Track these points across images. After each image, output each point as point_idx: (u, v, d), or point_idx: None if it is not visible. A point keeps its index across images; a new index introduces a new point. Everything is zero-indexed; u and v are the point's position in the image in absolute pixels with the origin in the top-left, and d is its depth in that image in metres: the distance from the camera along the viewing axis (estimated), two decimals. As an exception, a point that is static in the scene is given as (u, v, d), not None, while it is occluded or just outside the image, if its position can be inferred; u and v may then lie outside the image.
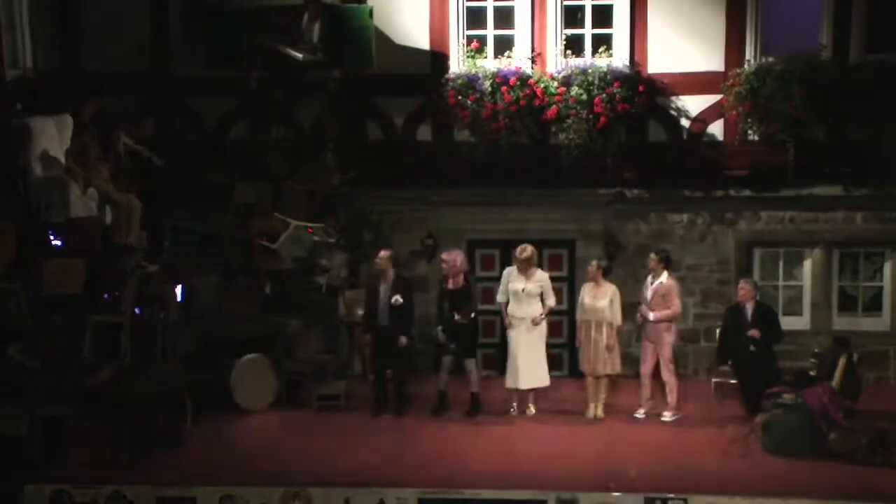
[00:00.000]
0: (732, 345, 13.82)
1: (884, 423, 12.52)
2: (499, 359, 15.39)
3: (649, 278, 13.91)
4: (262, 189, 15.17)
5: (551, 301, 13.98)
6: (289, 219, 14.82)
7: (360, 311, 15.05)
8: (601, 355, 13.73)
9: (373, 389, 14.27)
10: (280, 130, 16.33)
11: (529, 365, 13.80)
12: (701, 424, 13.50)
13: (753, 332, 13.48)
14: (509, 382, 14.00)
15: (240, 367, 13.95)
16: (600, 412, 13.87)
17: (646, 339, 13.94)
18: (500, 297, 14.09)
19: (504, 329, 14.35)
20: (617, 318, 13.82)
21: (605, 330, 13.72)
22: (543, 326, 13.97)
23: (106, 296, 13.14)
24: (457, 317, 13.79)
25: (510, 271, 14.00)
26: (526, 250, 13.88)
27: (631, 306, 14.22)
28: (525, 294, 13.77)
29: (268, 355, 14.18)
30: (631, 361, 14.95)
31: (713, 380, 14.58)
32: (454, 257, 14.09)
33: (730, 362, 14.11)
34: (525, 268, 13.83)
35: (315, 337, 15.34)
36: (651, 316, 13.66)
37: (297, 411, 14.19)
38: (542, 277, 13.98)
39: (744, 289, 13.87)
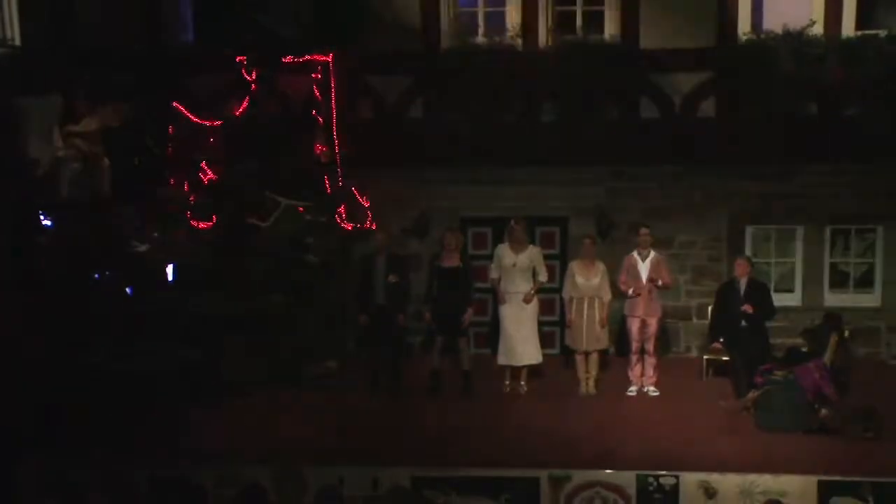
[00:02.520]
0: (725, 322, 13.82)
1: (874, 398, 12.59)
2: (491, 337, 15.39)
3: (636, 254, 13.95)
4: (252, 168, 15.11)
5: (543, 276, 14.00)
6: (279, 197, 14.78)
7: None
8: (594, 332, 13.76)
9: (367, 368, 14.26)
10: (270, 108, 16.25)
11: (521, 342, 13.84)
12: (693, 402, 13.55)
13: (746, 307, 13.50)
14: (501, 360, 14.03)
15: (232, 345, 13.93)
16: (592, 388, 13.93)
17: (634, 315, 13.97)
18: (492, 273, 14.09)
19: (496, 307, 14.36)
20: (608, 294, 13.87)
21: (597, 306, 13.75)
22: (535, 303, 13.98)
23: (97, 275, 13.09)
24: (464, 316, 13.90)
25: (503, 247, 14.00)
26: (517, 223, 13.91)
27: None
28: (517, 269, 13.78)
29: (260, 334, 14.14)
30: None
31: (705, 357, 14.67)
32: (457, 236, 14.15)
33: (722, 339, 14.13)
34: (516, 242, 13.84)
35: (308, 315, 15.27)
36: (660, 283, 13.78)
37: (291, 390, 14.17)
38: (533, 252, 13.99)
39: (740, 265, 13.90)
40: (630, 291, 13.86)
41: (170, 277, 14.15)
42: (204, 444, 11.94)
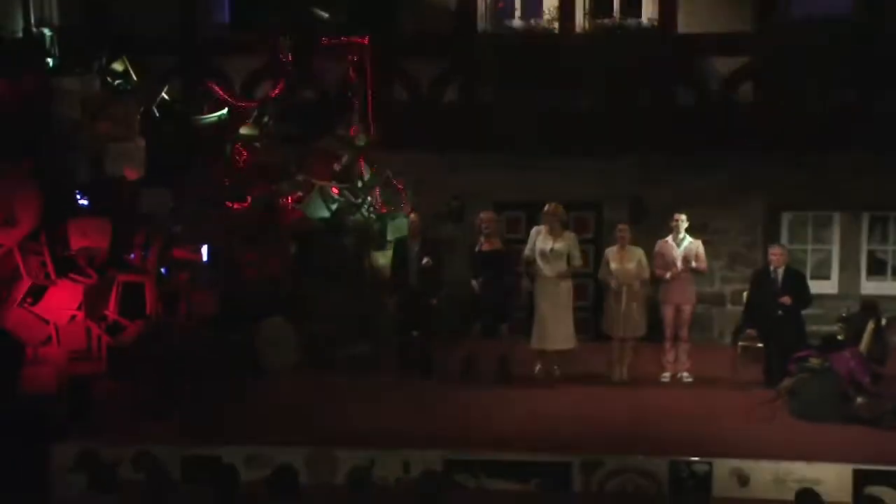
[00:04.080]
0: (760, 309, 13.69)
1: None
2: (526, 322, 15.33)
3: (671, 239, 13.85)
4: (287, 150, 15.10)
5: (578, 261, 13.87)
6: (314, 180, 14.77)
7: (387, 273, 15.00)
8: (631, 318, 13.70)
9: (399, 351, 14.25)
10: (306, 92, 16.26)
11: (556, 326, 13.73)
12: (727, 388, 13.48)
13: (785, 300, 13.38)
14: (535, 343, 13.93)
15: (264, 327, 13.95)
16: (625, 375, 13.87)
17: (668, 302, 13.87)
18: (526, 252, 13.98)
19: (531, 292, 14.28)
20: (645, 277, 13.82)
21: (632, 292, 13.68)
22: (570, 288, 13.88)
23: (132, 255, 13.12)
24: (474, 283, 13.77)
25: (539, 230, 13.89)
26: (555, 206, 13.79)
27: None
28: (553, 254, 13.66)
29: (292, 316, 14.18)
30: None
31: (739, 343, 14.51)
32: (490, 216, 14.00)
33: (757, 326, 14.00)
34: (553, 225, 13.73)
35: (340, 298, 15.27)
36: (694, 264, 13.66)
37: (323, 372, 14.19)
38: (569, 237, 13.86)
39: (777, 254, 13.73)
40: (667, 275, 13.74)
41: (204, 258, 14.10)
42: (236, 425, 11.94)
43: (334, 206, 15.04)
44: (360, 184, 15.67)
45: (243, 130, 15.11)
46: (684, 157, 16.15)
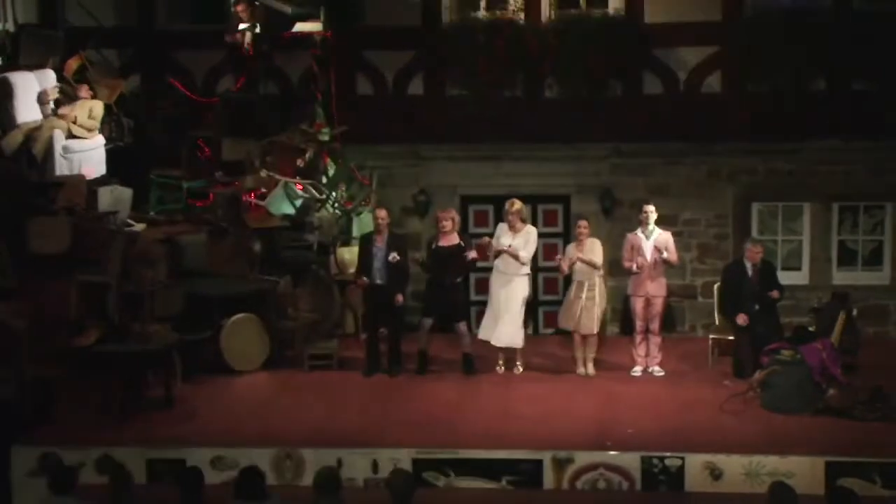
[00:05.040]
0: (734, 302, 13.74)
1: (882, 378, 12.56)
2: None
3: (640, 232, 13.82)
4: (251, 145, 15.07)
5: (524, 252, 13.78)
6: (277, 175, 14.74)
7: (352, 270, 14.95)
8: (590, 314, 13.73)
9: (365, 349, 14.22)
10: (269, 86, 16.21)
11: (503, 322, 13.77)
12: (698, 382, 13.50)
13: (773, 294, 13.50)
14: (482, 334, 14.04)
15: (229, 326, 13.87)
16: (591, 369, 13.90)
17: (638, 295, 13.86)
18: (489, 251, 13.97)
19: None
20: (599, 272, 13.84)
21: (597, 287, 13.75)
22: (525, 285, 13.93)
23: (93, 255, 13.06)
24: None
25: (502, 227, 13.93)
26: (515, 203, 13.80)
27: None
28: (511, 249, 13.73)
29: (258, 314, 14.09)
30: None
31: (711, 336, 14.53)
32: (447, 214, 14.05)
33: (732, 319, 14.00)
34: (514, 222, 13.77)
35: (306, 295, 15.24)
36: (665, 254, 13.63)
37: (288, 371, 14.15)
38: (528, 231, 13.90)
39: (754, 250, 13.74)
40: (634, 267, 13.73)
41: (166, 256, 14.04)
42: (201, 426, 11.92)
43: (298, 202, 14.96)
44: (324, 179, 15.61)
45: (204, 127, 15.08)
46: (654, 148, 16.15)
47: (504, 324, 13.77)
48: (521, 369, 13.99)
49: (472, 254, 13.84)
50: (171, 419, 12.14)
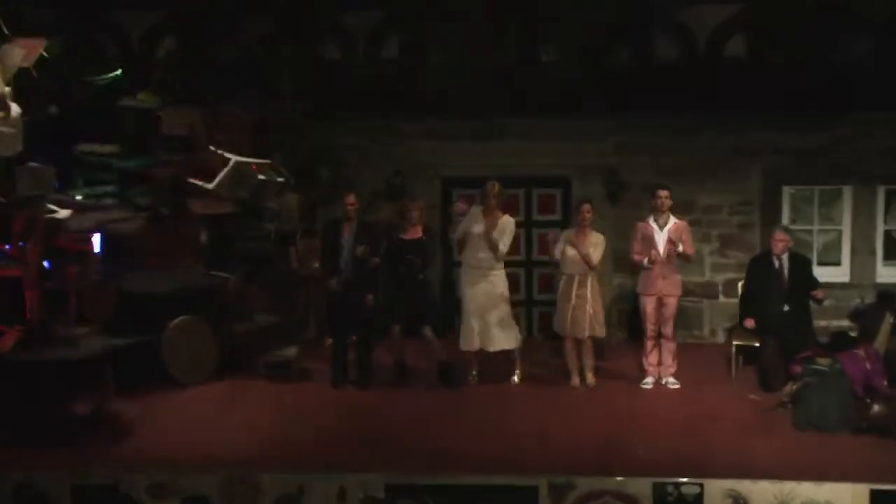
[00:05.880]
0: (760, 301, 13.70)
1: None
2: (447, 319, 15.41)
3: (652, 220, 13.81)
4: (196, 118, 14.94)
5: (503, 247, 13.80)
6: (229, 153, 14.65)
7: (317, 264, 14.93)
8: (584, 315, 13.67)
9: (331, 356, 14.20)
10: (219, 48, 16.10)
11: (491, 323, 13.82)
12: (719, 395, 13.48)
13: (818, 293, 13.54)
14: (465, 344, 14.03)
15: (172, 330, 13.85)
16: (591, 379, 13.88)
17: (648, 293, 13.84)
18: (455, 233, 13.98)
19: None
20: (597, 268, 13.83)
21: (589, 285, 13.66)
22: (504, 279, 13.94)
23: (8, 246, 12.92)
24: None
25: (476, 211, 13.87)
26: (496, 186, 13.77)
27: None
28: (484, 240, 13.69)
29: (206, 316, 14.13)
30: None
31: (734, 342, 14.51)
32: (417, 204, 14.12)
33: (755, 322, 13.98)
34: (493, 208, 13.73)
35: (262, 294, 15.18)
36: (680, 247, 13.57)
37: (241, 383, 14.16)
38: (506, 222, 13.88)
39: (781, 240, 13.77)
40: (644, 261, 13.69)
41: (97, 249, 13.93)
42: (137, 446, 11.79)
43: (253, 185, 14.87)
44: (283, 158, 15.52)
45: (143, 96, 14.91)
46: (667, 123, 16.13)
47: (493, 325, 13.81)
48: (517, 380, 14.04)
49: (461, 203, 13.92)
50: (103, 439, 11.97)
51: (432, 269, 14.31)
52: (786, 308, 13.48)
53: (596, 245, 13.67)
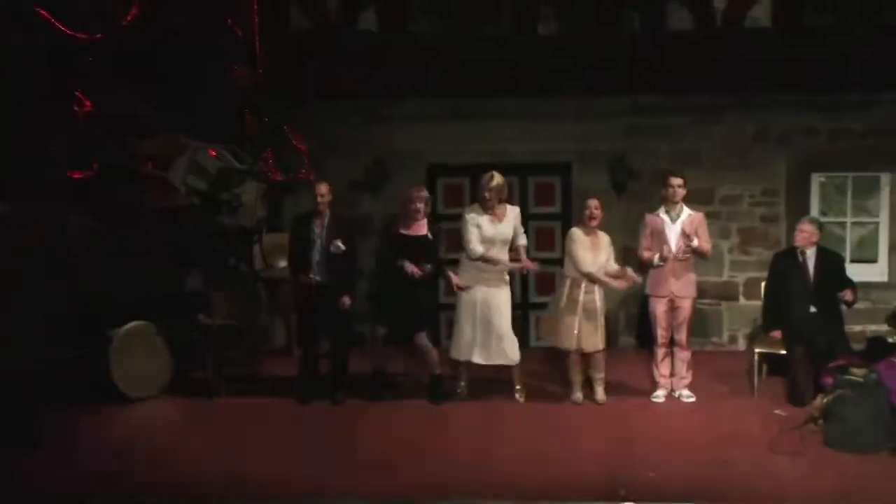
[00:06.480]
0: (784, 304, 13.64)
1: None
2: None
3: (664, 212, 13.75)
4: (145, 99, 14.81)
5: (524, 239, 13.84)
6: (183, 138, 14.53)
7: (284, 263, 14.87)
8: (591, 322, 13.59)
9: (300, 368, 14.16)
10: (172, 17, 16.00)
11: (493, 335, 13.77)
12: (740, 410, 13.46)
13: (846, 294, 13.42)
14: (459, 354, 14.00)
15: (120, 339, 13.78)
16: (601, 395, 13.85)
17: (660, 295, 13.76)
18: (476, 248, 13.69)
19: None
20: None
21: (597, 290, 13.61)
22: (507, 286, 13.90)
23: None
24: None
25: (477, 213, 13.72)
26: (495, 177, 13.60)
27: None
28: (497, 242, 13.62)
29: (157, 323, 14.10)
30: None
31: (756, 350, 14.46)
32: (423, 194, 13.91)
33: (782, 327, 13.91)
34: (492, 202, 13.60)
35: (222, 298, 15.08)
36: (695, 242, 13.49)
37: (198, 398, 14.12)
38: (514, 214, 13.83)
39: (805, 230, 13.74)
40: (655, 258, 13.61)
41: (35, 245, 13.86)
42: (77, 472, 11.66)
43: (212, 174, 14.78)
44: (245, 144, 15.41)
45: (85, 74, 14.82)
46: (682, 102, 16.11)
47: (495, 337, 13.75)
48: (522, 397, 14.00)
49: (455, 280, 13.83)
50: (37, 462, 11.86)
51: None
52: (813, 310, 13.40)
53: (609, 246, 13.63)
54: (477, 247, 13.65)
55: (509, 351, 13.80)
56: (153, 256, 14.61)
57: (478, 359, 13.84)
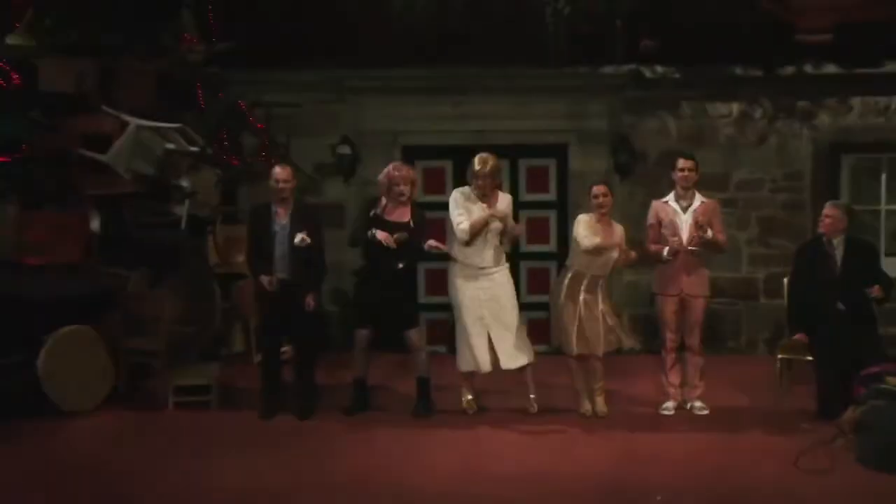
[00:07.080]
0: (810, 303, 13.54)
1: None
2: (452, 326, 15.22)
3: (672, 199, 13.69)
4: (83, 69, 14.66)
5: (519, 227, 13.88)
6: (126, 115, 14.39)
7: (242, 258, 14.82)
8: (593, 322, 13.53)
9: (262, 377, 14.06)
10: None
11: (500, 336, 13.70)
12: (761, 423, 13.43)
13: (874, 290, 13.31)
14: (464, 364, 13.90)
15: (53, 345, 13.66)
16: (602, 406, 13.81)
17: (669, 293, 13.70)
18: (467, 226, 13.57)
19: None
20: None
21: (600, 287, 13.59)
22: (509, 276, 13.85)
23: None
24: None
25: (466, 195, 13.62)
26: (489, 161, 13.49)
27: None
28: (490, 232, 13.56)
29: (96, 327, 14.02)
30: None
31: (779, 356, 14.41)
32: (409, 174, 13.80)
33: (807, 329, 13.83)
34: (486, 188, 13.48)
35: (172, 297, 14.99)
36: (709, 233, 13.41)
37: (145, 412, 14.04)
38: (506, 202, 13.76)
39: (830, 215, 13.62)
40: (664, 252, 13.51)
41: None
42: (7, 499, 11.52)
43: (159, 157, 14.66)
44: (197, 123, 15.33)
45: (12, 40, 14.63)
46: (692, 74, 16.03)
47: (502, 339, 13.71)
48: (535, 407, 13.92)
49: (433, 242, 13.60)
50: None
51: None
52: (841, 307, 13.27)
53: (621, 236, 13.60)
54: (463, 226, 13.55)
55: (527, 348, 13.78)
56: (93, 251, 14.51)
57: (505, 365, 13.74)
